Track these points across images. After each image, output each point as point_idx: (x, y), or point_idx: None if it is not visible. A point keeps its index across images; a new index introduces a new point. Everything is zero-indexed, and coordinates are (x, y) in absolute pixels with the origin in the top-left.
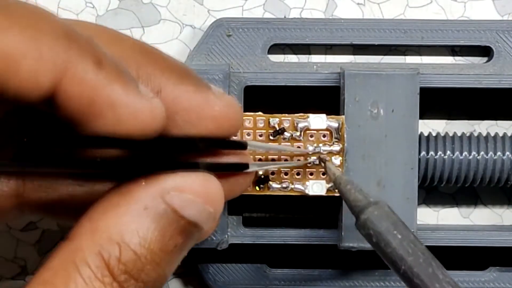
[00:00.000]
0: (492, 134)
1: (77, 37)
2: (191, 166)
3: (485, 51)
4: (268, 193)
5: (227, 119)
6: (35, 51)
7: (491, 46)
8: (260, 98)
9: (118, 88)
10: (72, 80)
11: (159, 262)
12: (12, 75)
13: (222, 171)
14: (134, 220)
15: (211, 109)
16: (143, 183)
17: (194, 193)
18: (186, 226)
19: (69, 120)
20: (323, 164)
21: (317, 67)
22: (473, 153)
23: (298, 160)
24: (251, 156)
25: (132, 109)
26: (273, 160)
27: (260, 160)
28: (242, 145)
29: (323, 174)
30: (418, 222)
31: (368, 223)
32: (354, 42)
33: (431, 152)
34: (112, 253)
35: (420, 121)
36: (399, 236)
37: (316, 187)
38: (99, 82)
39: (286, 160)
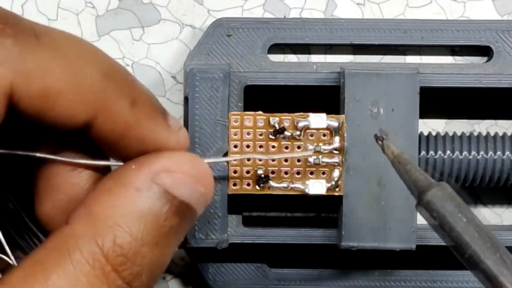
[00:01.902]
0: (492, 134)
1: (115, 77)
2: None
3: (485, 51)
4: (268, 192)
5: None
6: (74, 90)
7: (491, 46)
8: (260, 97)
9: (149, 125)
10: (107, 117)
11: (156, 243)
12: (50, 109)
13: None
14: (128, 202)
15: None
16: (133, 166)
17: (183, 172)
18: (179, 206)
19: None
20: (380, 143)
21: (317, 67)
22: (473, 153)
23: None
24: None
25: (159, 143)
26: (273, 160)
27: (260, 159)
28: None
29: (323, 173)
30: (418, 222)
31: (431, 204)
32: (354, 42)
33: (431, 152)
34: (107, 236)
35: (420, 120)
36: (464, 220)
37: (316, 187)
38: (132, 120)
39: (286, 160)
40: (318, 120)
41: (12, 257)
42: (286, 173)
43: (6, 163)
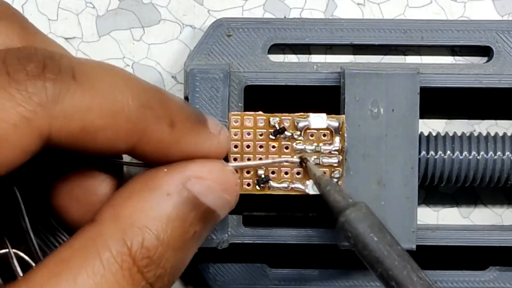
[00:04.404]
0: (492, 134)
1: (151, 103)
2: None
3: (485, 51)
4: (268, 192)
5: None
6: (113, 125)
7: (491, 46)
8: (260, 97)
9: (191, 139)
10: (148, 142)
11: (179, 248)
12: (90, 143)
13: None
14: (157, 206)
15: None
16: (165, 170)
17: (213, 180)
18: (205, 213)
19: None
20: (304, 165)
21: (317, 67)
22: (473, 153)
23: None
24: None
25: (202, 154)
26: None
27: (260, 159)
28: None
29: (323, 173)
30: (418, 222)
31: (346, 225)
32: (354, 42)
33: (431, 152)
34: (135, 238)
35: (420, 121)
36: (375, 239)
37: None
38: (173, 140)
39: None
40: (318, 120)
41: (39, 254)
42: (286, 173)
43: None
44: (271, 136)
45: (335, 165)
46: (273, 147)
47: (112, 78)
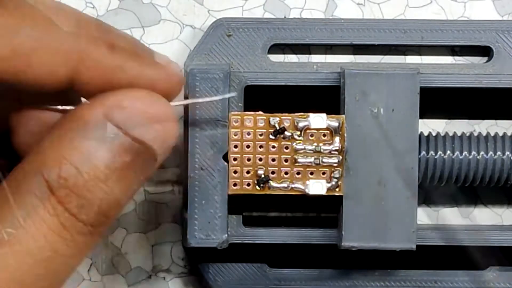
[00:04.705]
0: (492, 134)
1: (87, 25)
2: None
3: (485, 51)
4: (268, 192)
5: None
6: (46, 45)
7: (491, 46)
8: (260, 97)
9: (133, 65)
10: (88, 67)
11: (104, 179)
12: (27, 69)
13: None
14: (76, 137)
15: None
16: (87, 103)
17: (136, 108)
18: (133, 144)
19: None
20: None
21: (317, 67)
22: (473, 153)
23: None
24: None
25: (148, 82)
26: (273, 160)
27: (260, 159)
28: None
29: (323, 173)
30: (418, 222)
31: None
32: (354, 42)
33: (431, 152)
34: (52, 169)
35: (420, 121)
36: None
37: (316, 187)
38: (114, 64)
39: (286, 160)
40: (318, 120)
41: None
42: (286, 173)
43: None
44: (271, 136)
45: (335, 165)
46: (273, 147)
47: (45, 3)
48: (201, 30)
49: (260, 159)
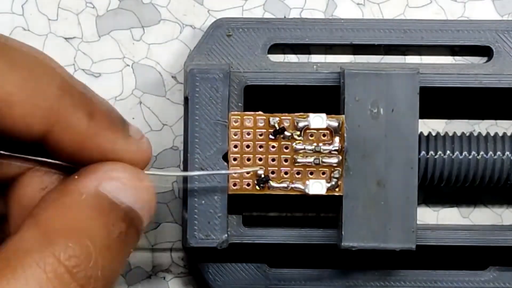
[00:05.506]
0: (492, 134)
1: (71, 90)
2: None
3: (485, 51)
4: (268, 192)
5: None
6: (29, 99)
7: (491, 46)
8: (260, 97)
9: (107, 136)
10: (64, 129)
11: (107, 249)
12: (5, 117)
13: None
14: (73, 210)
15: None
16: (76, 177)
17: (124, 179)
18: (126, 212)
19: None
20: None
21: (317, 67)
22: (473, 153)
23: None
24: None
25: (119, 153)
26: (273, 160)
27: (260, 159)
28: None
29: (323, 173)
30: (418, 222)
31: None
32: (354, 42)
33: (431, 152)
34: (57, 247)
35: (420, 121)
36: None
37: (316, 187)
38: (90, 132)
39: (286, 160)
40: (318, 120)
41: None
42: (286, 173)
43: None
44: (271, 136)
45: (335, 165)
46: (273, 147)
47: (34, 57)
48: (201, 30)
49: (260, 159)
